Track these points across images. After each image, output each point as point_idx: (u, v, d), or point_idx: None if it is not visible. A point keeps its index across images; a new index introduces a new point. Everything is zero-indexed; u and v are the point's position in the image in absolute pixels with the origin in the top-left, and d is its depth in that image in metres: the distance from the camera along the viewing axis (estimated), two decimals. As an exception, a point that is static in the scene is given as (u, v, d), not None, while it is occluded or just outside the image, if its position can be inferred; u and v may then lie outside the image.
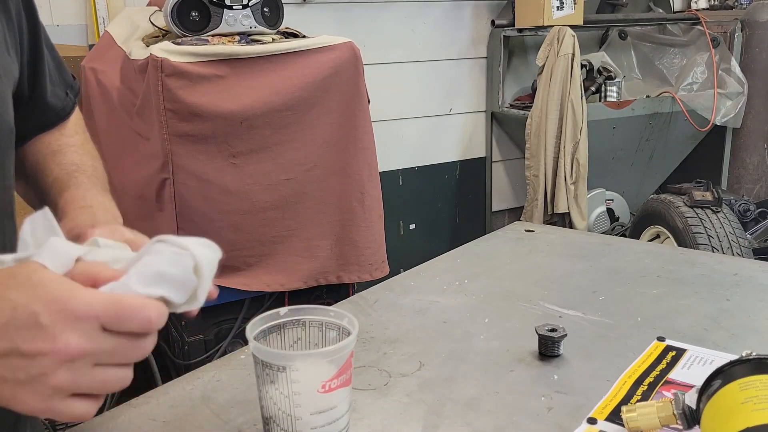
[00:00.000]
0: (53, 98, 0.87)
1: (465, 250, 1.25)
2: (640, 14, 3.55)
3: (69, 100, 0.89)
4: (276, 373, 0.62)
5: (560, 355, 0.85)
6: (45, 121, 0.86)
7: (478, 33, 3.30)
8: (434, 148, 3.31)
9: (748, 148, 3.45)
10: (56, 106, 0.87)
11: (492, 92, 3.34)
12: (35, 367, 0.48)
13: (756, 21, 3.35)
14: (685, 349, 0.84)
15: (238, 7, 1.90)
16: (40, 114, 0.85)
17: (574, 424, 0.70)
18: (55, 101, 0.87)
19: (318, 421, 0.63)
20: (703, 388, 0.61)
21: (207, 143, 1.80)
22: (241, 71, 1.81)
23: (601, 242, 1.30)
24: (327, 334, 0.71)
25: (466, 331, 0.93)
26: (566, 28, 2.85)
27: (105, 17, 2.43)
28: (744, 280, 1.08)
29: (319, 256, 1.98)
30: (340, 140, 1.96)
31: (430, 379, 0.80)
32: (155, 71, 1.73)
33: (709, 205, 2.64)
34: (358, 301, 1.03)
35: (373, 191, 2.03)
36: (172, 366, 2.17)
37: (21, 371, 0.48)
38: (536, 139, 2.96)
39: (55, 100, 0.87)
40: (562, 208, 2.92)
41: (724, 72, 3.31)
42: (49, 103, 0.86)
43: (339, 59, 1.91)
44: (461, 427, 0.71)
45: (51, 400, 0.49)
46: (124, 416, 0.74)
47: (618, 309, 0.98)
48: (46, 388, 0.49)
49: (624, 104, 3.12)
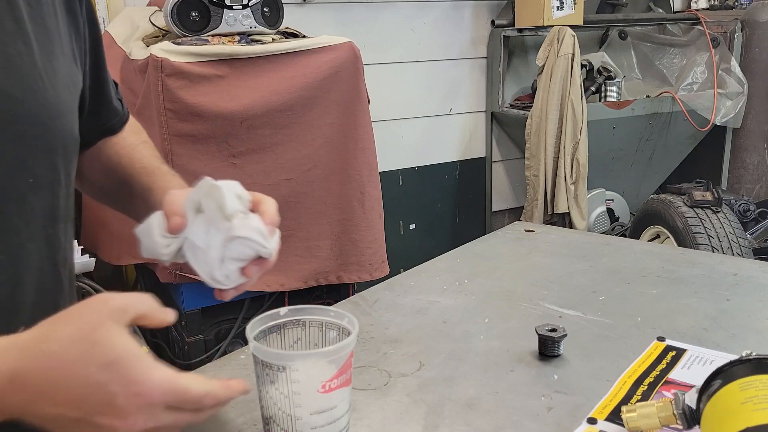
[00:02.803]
0: (117, 103, 0.91)
1: (465, 250, 1.25)
2: (640, 14, 3.55)
3: (124, 105, 0.93)
4: (276, 373, 0.62)
5: (560, 355, 0.85)
6: (113, 125, 0.90)
7: (478, 33, 3.30)
8: (434, 148, 3.31)
9: (748, 148, 3.45)
10: (119, 110, 0.91)
11: (492, 92, 3.34)
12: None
13: (756, 21, 3.35)
14: (685, 349, 0.84)
15: (238, 7, 1.90)
16: (107, 119, 0.89)
17: (574, 424, 0.70)
18: (118, 106, 0.91)
19: (318, 421, 0.63)
20: (703, 388, 0.61)
21: (207, 143, 1.80)
22: (241, 71, 1.81)
23: (601, 242, 1.30)
24: (327, 334, 0.71)
25: (466, 331, 0.93)
26: (566, 28, 2.85)
27: (105, 17, 2.43)
28: (744, 280, 1.08)
29: (319, 256, 1.98)
30: (340, 140, 1.96)
31: (430, 379, 0.80)
32: (155, 71, 1.73)
33: (709, 205, 2.64)
34: (358, 301, 1.03)
35: (373, 191, 2.03)
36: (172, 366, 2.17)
37: (88, 431, 0.54)
38: (536, 139, 2.96)
39: (118, 105, 0.91)
40: (562, 208, 2.92)
41: (724, 72, 3.31)
42: (114, 108, 0.90)
43: (339, 59, 1.91)
44: (461, 427, 0.71)
45: None
46: (124, 416, 0.74)
47: (618, 309, 0.98)
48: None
49: (624, 104, 3.12)
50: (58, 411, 0.53)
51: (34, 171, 0.68)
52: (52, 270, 0.72)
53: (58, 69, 0.72)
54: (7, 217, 0.66)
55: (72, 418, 0.53)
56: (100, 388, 0.52)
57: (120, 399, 0.52)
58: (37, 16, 0.70)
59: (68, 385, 0.52)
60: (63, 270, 0.75)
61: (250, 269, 0.69)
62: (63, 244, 0.75)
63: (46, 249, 0.71)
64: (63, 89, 0.72)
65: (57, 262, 0.73)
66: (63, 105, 0.72)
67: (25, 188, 0.68)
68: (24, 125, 0.66)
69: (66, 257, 0.76)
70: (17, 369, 0.53)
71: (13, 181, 0.66)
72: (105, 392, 0.52)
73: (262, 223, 0.68)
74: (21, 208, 0.68)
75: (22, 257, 0.69)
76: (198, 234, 0.67)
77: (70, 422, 0.53)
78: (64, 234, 0.75)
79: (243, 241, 0.66)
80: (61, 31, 0.74)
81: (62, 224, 0.74)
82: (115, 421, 0.52)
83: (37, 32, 0.69)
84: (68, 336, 0.53)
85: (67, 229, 0.75)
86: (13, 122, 0.65)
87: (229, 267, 0.67)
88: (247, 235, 0.66)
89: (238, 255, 0.67)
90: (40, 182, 0.69)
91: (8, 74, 0.65)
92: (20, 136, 0.66)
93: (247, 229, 0.66)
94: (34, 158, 0.68)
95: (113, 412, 0.52)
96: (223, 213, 0.67)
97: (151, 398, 0.53)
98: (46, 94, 0.68)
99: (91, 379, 0.52)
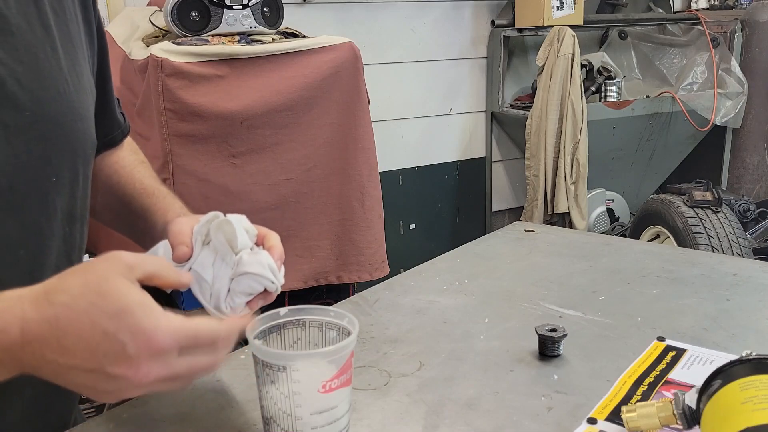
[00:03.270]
0: (119, 116, 0.92)
1: (465, 250, 1.25)
2: (640, 14, 3.56)
3: (126, 119, 0.94)
4: (276, 373, 0.62)
5: (560, 355, 0.85)
6: (115, 137, 0.91)
7: (478, 33, 3.30)
8: (434, 148, 3.31)
9: (748, 148, 3.46)
10: (121, 123, 0.93)
11: (492, 92, 3.34)
12: (117, 384, 0.54)
13: (756, 21, 3.35)
14: (685, 349, 0.84)
15: (238, 7, 1.90)
16: (110, 130, 0.90)
17: (574, 424, 0.70)
18: (121, 118, 0.92)
19: (318, 421, 0.63)
20: (703, 388, 0.61)
21: (207, 143, 1.80)
22: (241, 71, 1.81)
23: (601, 242, 1.30)
24: (327, 334, 0.71)
25: (466, 331, 0.93)
26: (566, 28, 2.85)
27: (105, 17, 2.43)
28: (744, 280, 1.08)
29: (319, 256, 1.98)
30: (340, 140, 1.96)
31: (430, 379, 0.80)
32: (155, 71, 1.73)
33: (709, 205, 2.64)
34: (358, 301, 1.03)
35: (373, 191, 2.03)
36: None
37: (104, 384, 0.54)
38: (536, 139, 2.96)
39: (121, 117, 0.92)
40: (562, 208, 2.92)
41: (724, 72, 3.31)
42: (117, 120, 0.91)
43: (339, 59, 1.91)
44: (461, 427, 0.71)
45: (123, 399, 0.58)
46: (124, 416, 0.74)
47: (618, 309, 0.98)
48: (123, 397, 0.57)
49: (624, 104, 3.12)
50: (71, 362, 0.53)
51: (57, 170, 0.71)
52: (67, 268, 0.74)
53: (81, 74, 0.75)
54: (30, 213, 0.68)
55: (86, 369, 0.53)
56: (109, 337, 0.52)
57: (130, 348, 0.52)
58: (62, 23, 0.73)
59: (79, 335, 0.52)
60: None
61: (255, 302, 0.70)
62: (78, 244, 0.77)
63: (63, 247, 0.73)
64: (84, 94, 0.75)
65: (72, 261, 0.75)
66: (84, 109, 0.74)
67: (48, 187, 0.70)
68: (50, 126, 0.69)
69: (80, 257, 0.78)
70: (28, 319, 0.53)
71: (38, 179, 0.69)
72: (115, 341, 0.52)
73: (272, 259, 0.69)
74: (44, 205, 0.70)
75: (42, 254, 0.71)
76: (205, 266, 0.69)
77: (85, 373, 0.53)
78: (80, 234, 0.77)
79: (253, 277, 0.68)
80: (82, 39, 0.77)
81: (78, 224, 0.76)
82: (128, 371, 0.52)
83: (62, 38, 0.72)
84: (77, 286, 0.54)
85: (83, 230, 0.78)
86: (41, 122, 0.67)
87: (235, 300, 0.68)
88: (258, 272, 0.67)
89: (247, 290, 0.68)
90: (62, 182, 0.72)
91: (38, 77, 0.67)
92: (46, 137, 0.68)
93: (257, 265, 0.68)
94: (57, 158, 0.70)
95: (125, 362, 0.52)
96: (233, 248, 0.68)
97: (162, 345, 0.53)
98: (71, 97, 0.71)
99: (100, 329, 0.52)
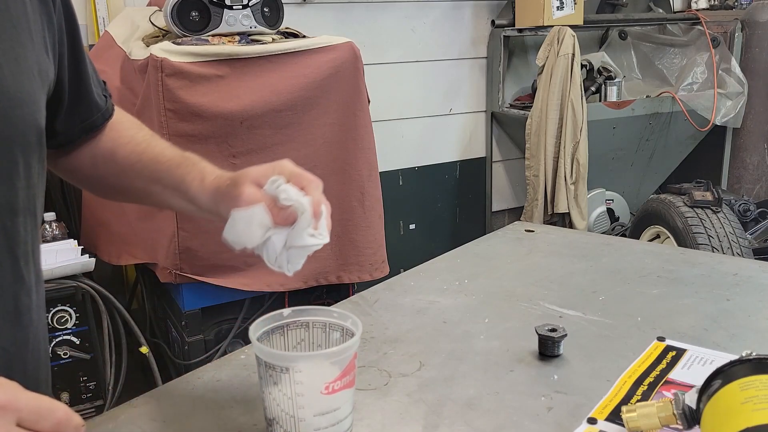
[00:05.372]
0: (99, 98, 0.88)
1: (465, 250, 1.25)
2: (640, 14, 3.55)
3: (109, 101, 0.91)
4: (279, 375, 0.62)
5: (560, 355, 0.85)
6: (93, 121, 0.88)
7: (478, 33, 3.30)
8: (434, 148, 3.31)
9: (748, 148, 3.46)
10: (101, 106, 0.89)
11: (492, 92, 3.34)
12: None
13: (756, 21, 3.35)
14: (685, 349, 0.85)
15: (238, 7, 1.90)
16: (88, 114, 0.87)
17: (574, 424, 0.71)
18: (100, 101, 0.89)
19: (321, 423, 0.63)
20: (703, 388, 0.61)
21: (207, 143, 1.80)
22: (241, 71, 1.81)
23: (601, 242, 1.31)
24: (330, 335, 0.71)
25: (466, 331, 0.93)
26: (566, 28, 2.85)
27: (105, 17, 2.43)
28: (744, 280, 1.08)
29: (319, 256, 1.98)
30: (340, 140, 1.96)
31: (430, 379, 0.80)
32: (155, 71, 1.73)
33: (709, 205, 2.64)
34: (358, 301, 1.03)
35: (373, 191, 2.03)
36: (172, 366, 2.17)
37: None
38: (536, 139, 2.96)
39: (100, 101, 0.88)
40: (562, 208, 2.92)
41: (724, 72, 3.31)
42: (95, 103, 0.88)
43: (339, 59, 1.91)
44: (461, 427, 0.71)
45: None
46: (124, 416, 0.74)
47: (618, 309, 0.98)
48: None
49: (624, 104, 3.13)
50: None
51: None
52: (11, 264, 0.70)
53: (22, 57, 0.69)
54: None
55: None
56: None
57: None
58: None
59: None
60: (25, 265, 0.72)
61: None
62: (24, 238, 0.72)
63: (4, 242, 0.69)
64: (27, 78, 0.70)
65: (17, 256, 0.71)
66: (25, 94, 0.69)
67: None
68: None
69: (29, 252, 0.73)
70: None
71: None
72: None
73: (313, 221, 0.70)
74: None
75: None
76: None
77: None
78: (25, 227, 0.72)
79: (302, 250, 0.70)
80: (30, 19, 0.72)
81: (22, 217, 0.71)
82: None
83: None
84: None
85: (27, 222, 0.73)
86: None
87: (292, 256, 0.71)
88: (303, 245, 0.69)
89: (300, 257, 0.70)
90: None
91: None
92: None
93: (300, 238, 0.69)
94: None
95: None
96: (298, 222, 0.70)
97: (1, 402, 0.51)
98: (4, 82, 0.66)
99: None
